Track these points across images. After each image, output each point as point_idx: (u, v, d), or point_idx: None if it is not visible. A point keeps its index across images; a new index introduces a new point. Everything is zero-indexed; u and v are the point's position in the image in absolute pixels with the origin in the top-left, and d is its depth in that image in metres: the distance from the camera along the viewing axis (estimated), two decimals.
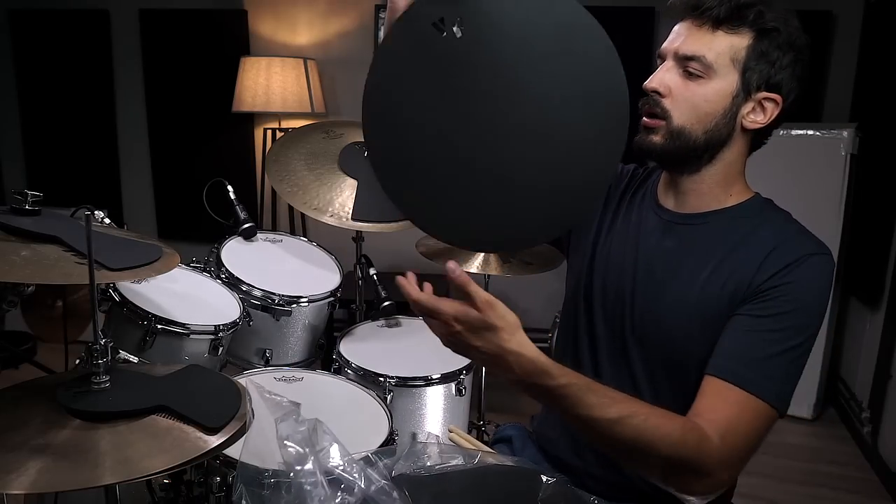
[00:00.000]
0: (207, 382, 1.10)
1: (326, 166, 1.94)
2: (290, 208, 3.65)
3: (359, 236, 2.07)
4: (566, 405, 0.89)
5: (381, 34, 3.74)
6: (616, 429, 0.88)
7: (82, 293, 2.00)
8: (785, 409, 0.95)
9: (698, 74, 0.99)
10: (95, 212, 1.48)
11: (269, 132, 3.70)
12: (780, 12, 0.99)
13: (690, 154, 1.03)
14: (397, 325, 1.98)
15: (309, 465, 0.90)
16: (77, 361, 1.49)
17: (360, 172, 1.93)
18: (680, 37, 1.01)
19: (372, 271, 2.02)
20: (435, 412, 1.69)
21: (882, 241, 2.83)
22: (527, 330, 0.91)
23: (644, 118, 1.04)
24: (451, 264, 0.86)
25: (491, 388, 2.35)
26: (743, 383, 0.93)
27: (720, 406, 0.93)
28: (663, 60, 1.04)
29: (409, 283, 0.91)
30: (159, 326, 1.47)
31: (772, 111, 1.01)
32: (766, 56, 0.98)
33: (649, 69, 1.03)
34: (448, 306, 0.88)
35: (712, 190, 1.06)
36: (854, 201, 3.01)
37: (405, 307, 2.07)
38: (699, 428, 0.91)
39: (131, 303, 1.48)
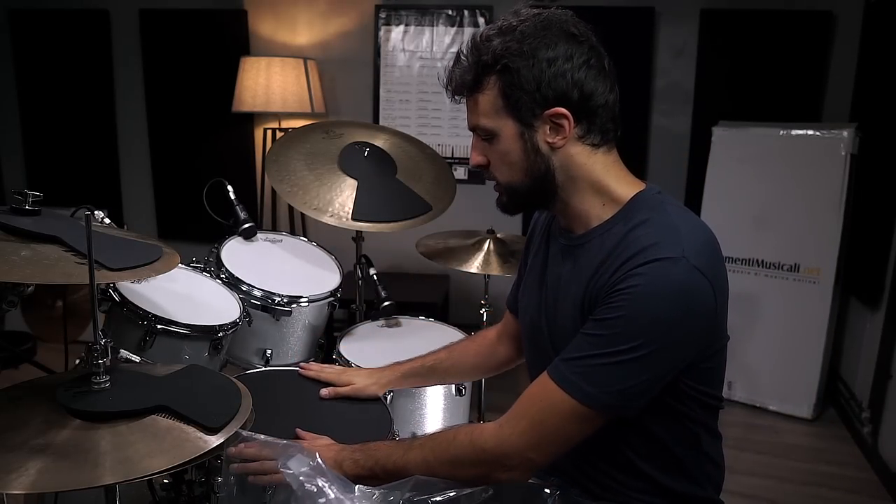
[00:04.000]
0: (207, 382, 1.10)
1: (326, 166, 1.94)
2: (290, 208, 3.65)
3: (359, 236, 2.07)
4: (370, 454, 1.08)
5: (382, 34, 3.74)
6: (410, 454, 1.05)
7: (82, 293, 2.00)
8: (602, 408, 0.97)
9: (489, 137, 1.06)
10: (95, 212, 1.48)
11: (269, 132, 3.70)
12: (508, 37, 0.99)
13: (532, 196, 1.09)
14: (397, 325, 1.98)
15: (332, 496, 0.94)
16: (77, 361, 1.49)
17: (360, 172, 1.93)
18: (467, 112, 1.09)
19: (372, 271, 2.03)
20: (435, 412, 1.69)
21: (882, 241, 2.83)
22: None
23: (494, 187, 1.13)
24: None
25: (491, 389, 2.35)
26: (557, 378, 0.98)
27: (526, 396, 1.03)
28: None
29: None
30: (159, 326, 1.47)
31: (566, 123, 1.01)
32: (517, 87, 1.00)
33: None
34: None
35: (584, 209, 1.08)
36: (854, 201, 3.01)
37: (405, 307, 2.09)
38: (473, 425, 1.06)
39: (131, 303, 1.48)
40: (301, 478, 0.93)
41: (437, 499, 0.99)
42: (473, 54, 1.03)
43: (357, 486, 0.98)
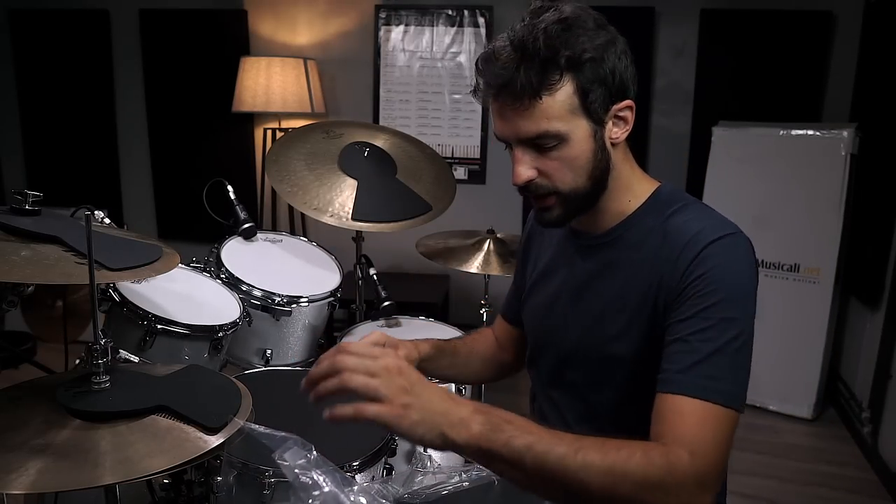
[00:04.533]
0: (207, 382, 1.10)
1: (326, 166, 1.94)
2: (290, 208, 3.65)
3: (359, 236, 2.07)
4: (520, 436, 0.80)
5: (382, 34, 3.74)
6: (582, 455, 0.80)
7: (82, 293, 2.00)
8: (740, 405, 0.90)
9: (553, 145, 0.96)
10: (95, 212, 1.48)
11: (269, 132, 3.70)
12: (578, 32, 0.92)
13: (588, 201, 1.02)
14: (397, 325, 1.98)
15: (327, 489, 0.90)
16: (77, 361, 1.49)
17: (360, 172, 1.93)
18: (509, 121, 0.96)
19: (372, 271, 2.03)
20: None
21: (882, 241, 2.83)
22: None
23: (533, 200, 1.03)
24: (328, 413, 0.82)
25: (491, 389, 2.35)
26: (692, 392, 0.88)
27: (678, 422, 0.87)
28: (505, 142, 1.01)
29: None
30: (159, 326, 1.47)
31: (629, 115, 0.99)
32: (596, 80, 0.94)
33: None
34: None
35: (612, 206, 1.05)
36: (854, 201, 3.01)
37: (405, 307, 2.08)
38: (663, 446, 0.85)
39: (131, 303, 1.48)
40: (296, 470, 0.92)
41: (431, 492, 0.96)
42: (539, 53, 0.90)
43: (357, 480, 0.95)
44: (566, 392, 1.13)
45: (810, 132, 3.03)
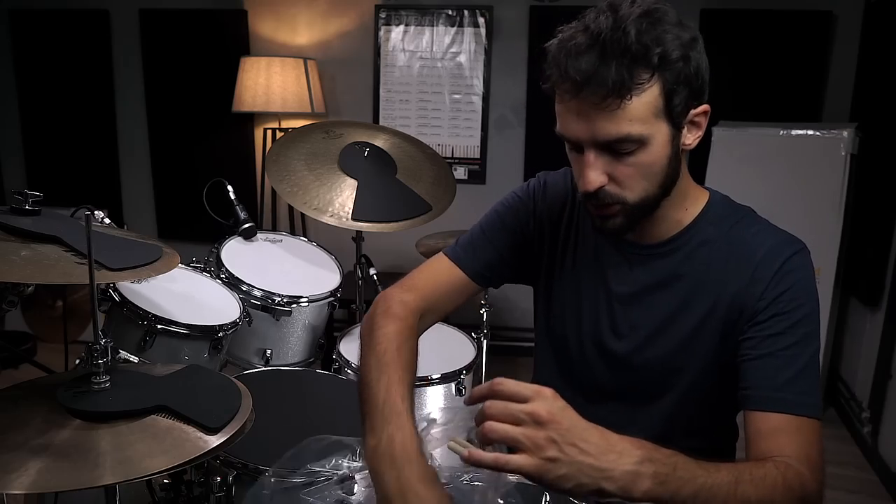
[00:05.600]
0: (207, 382, 1.10)
1: (326, 166, 1.94)
2: (290, 208, 3.65)
3: (359, 236, 2.07)
4: (688, 480, 0.74)
5: (382, 34, 3.74)
6: (741, 490, 0.77)
7: (82, 293, 2.00)
8: (821, 415, 0.92)
9: (630, 150, 0.88)
10: (95, 212, 1.48)
11: (269, 132, 3.70)
12: (665, 28, 0.85)
13: (654, 208, 0.96)
14: None
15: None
16: (77, 361, 1.49)
17: (360, 172, 1.93)
18: (586, 121, 0.87)
19: (372, 271, 2.03)
20: (435, 412, 1.69)
21: (882, 241, 2.83)
22: (526, 330, 0.90)
23: (594, 210, 0.95)
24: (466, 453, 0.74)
25: None
26: (791, 409, 0.89)
27: (786, 441, 0.87)
28: (571, 144, 0.93)
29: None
30: (159, 326, 1.47)
31: (704, 120, 0.93)
32: (682, 82, 0.87)
33: None
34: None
35: (668, 215, 1.00)
36: (854, 201, 3.01)
37: None
38: (791, 467, 0.83)
39: (131, 303, 1.48)
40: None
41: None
42: (632, 48, 0.82)
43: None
44: (608, 404, 1.08)
45: (810, 132, 3.03)
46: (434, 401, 1.69)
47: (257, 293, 1.75)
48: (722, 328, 0.97)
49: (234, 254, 1.87)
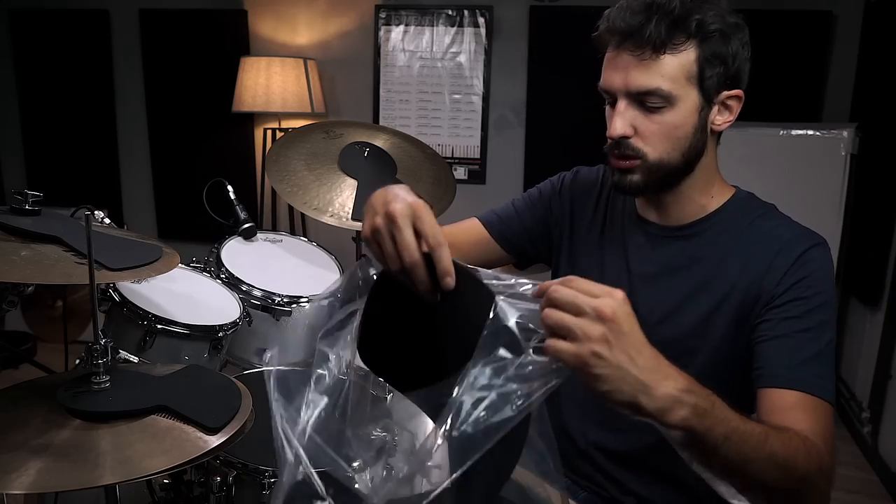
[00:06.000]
0: (207, 382, 1.10)
1: (326, 166, 1.94)
2: (290, 208, 3.65)
3: (359, 236, 2.07)
4: (723, 421, 0.74)
5: (382, 34, 3.74)
6: (771, 443, 0.77)
7: (82, 293, 2.00)
8: (833, 401, 0.92)
9: (659, 106, 0.94)
10: (95, 212, 1.48)
11: (269, 132, 3.70)
12: (712, 6, 0.94)
13: (672, 177, 1.01)
14: None
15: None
16: (77, 361, 1.49)
17: (360, 172, 1.93)
18: (622, 71, 0.94)
19: (372, 271, 2.02)
20: None
21: (882, 241, 2.83)
22: None
23: (615, 160, 1.00)
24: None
25: None
26: (807, 388, 0.90)
27: (800, 417, 0.88)
28: (610, 96, 0.99)
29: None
30: (159, 326, 1.47)
31: (737, 107, 1.00)
32: (717, 58, 0.95)
33: None
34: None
35: (693, 197, 1.04)
36: (854, 201, 3.01)
37: None
38: (809, 438, 0.84)
39: (131, 303, 1.48)
40: None
41: None
42: (673, 12, 0.91)
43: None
44: None
45: (810, 132, 3.03)
46: None
47: (257, 293, 1.75)
48: (737, 313, 0.99)
49: (234, 254, 1.87)
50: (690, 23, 0.91)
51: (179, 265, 1.42)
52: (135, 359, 1.46)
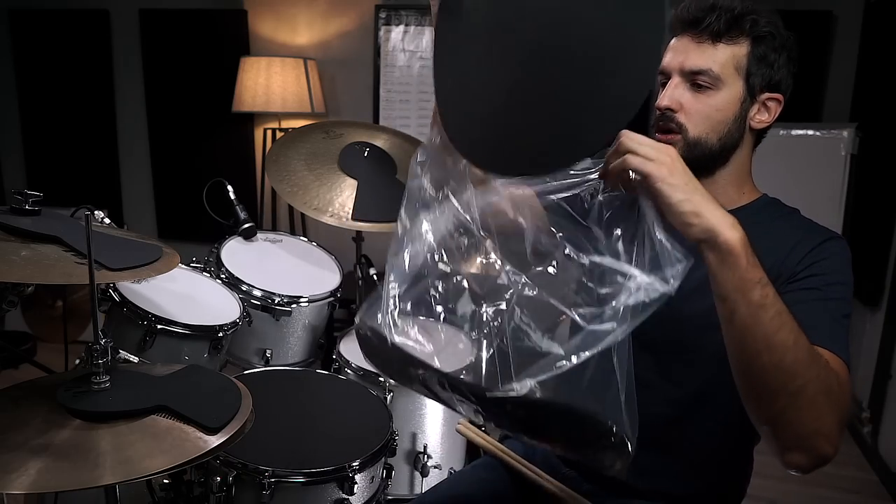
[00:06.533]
0: (207, 382, 1.10)
1: (326, 166, 1.94)
2: (290, 208, 3.65)
3: (359, 236, 2.07)
4: (758, 267, 0.84)
5: (382, 34, 3.74)
6: (794, 325, 0.84)
7: (82, 293, 2.00)
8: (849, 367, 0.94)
9: (707, 86, 1.04)
10: (95, 212, 1.48)
11: (269, 132, 3.70)
12: (769, 15, 1.06)
13: (708, 160, 1.07)
14: None
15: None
16: (77, 361, 1.49)
17: (360, 172, 1.93)
18: (682, 53, 1.05)
19: (372, 271, 2.03)
20: (435, 412, 1.69)
21: (882, 241, 2.83)
22: None
23: (658, 135, 1.07)
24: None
25: None
26: (823, 341, 0.90)
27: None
28: (666, 77, 1.07)
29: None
30: (159, 326, 1.47)
31: (775, 109, 1.08)
32: (765, 60, 1.05)
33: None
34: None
35: (726, 190, 1.10)
36: (854, 201, 3.01)
37: None
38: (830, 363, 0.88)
39: (131, 303, 1.48)
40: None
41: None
42: (736, 10, 1.03)
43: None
44: (644, 355, 1.08)
45: (810, 132, 3.03)
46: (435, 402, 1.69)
47: (257, 293, 1.75)
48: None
49: (234, 254, 1.87)
50: (746, 21, 1.03)
51: (179, 265, 1.43)
52: (135, 359, 1.46)
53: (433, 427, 1.68)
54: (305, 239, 2.11)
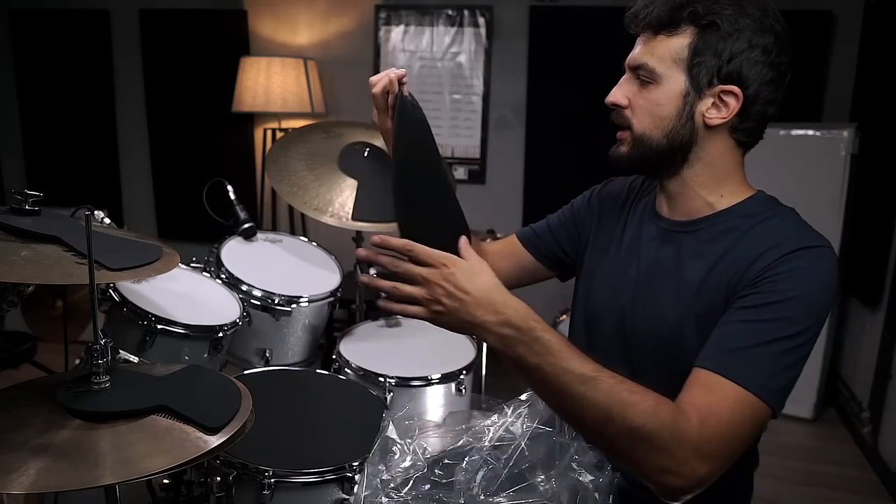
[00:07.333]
0: (207, 382, 1.10)
1: (326, 166, 1.94)
2: (290, 208, 3.65)
3: (359, 236, 2.07)
4: (539, 354, 0.89)
5: (382, 34, 3.74)
6: (589, 386, 0.86)
7: (82, 293, 2.00)
8: (775, 403, 0.90)
9: (647, 80, 1.01)
10: (95, 212, 1.48)
11: (269, 132, 3.70)
12: (722, 3, 0.97)
13: (658, 159, 1.04)
14: (397, 325, 1.98)
15: None
16: (77, 361, 1.49)
17: (360, 172, 1.93)
18: (635, 48, 1.04)
19: (372, 271, 2.02)
20: (435, 412, 1.69)
21: (882, 241, 2.83)
22: None
23: (615, 129, 1.07)
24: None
25: (491, 389, 2.35)
26: (725, 372, 0.89)
27: (702, 394, 0.89)
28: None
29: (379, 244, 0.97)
30: (159, 326, 1.47)
31: (733, 104, 0.99)
32: (711, 50, 0.97)
33: None
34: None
35: (699, 192, 1.05)
36: (854, 201, 3.01)
37: None
38: (677, 405, 0.87)
39: (131, 303, 1.48)
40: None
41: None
42: (678, 1, 0.98)
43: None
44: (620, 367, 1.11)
45: (810, 132, 3.03)
46: (434, 400, 1.69)
47: (257, 293, 1.75)
48: (722, 309, 0.98)
49: (234, 254, 1.87)
50: (684, 11, 0.97)
51: (179, 265, 1.43)
52: (135, 359, 1.46)
53: (432, 428, 1.68)
54: (305, 239, 2.11)
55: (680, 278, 1.04)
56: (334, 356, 1.75)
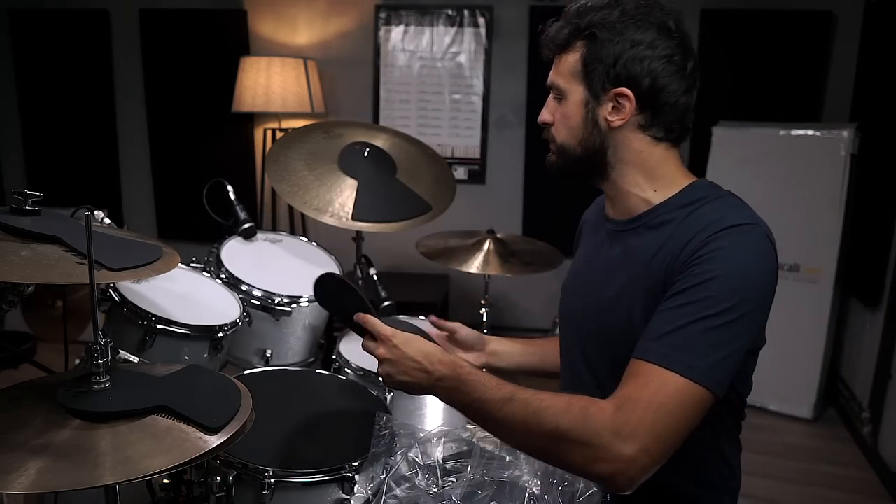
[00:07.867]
0: (207, 382, 1.10)
1: (326, 166, 1.94)
2: (290, 208, 3.65)
3: (359, 236, 2.07)
4: (467, 394, 1.01)
5: (382, 34, 3.74)
6: (508, 407, 0.96)
7: (82, 293, 2.00)
8: (708, 382, 0.90)
9: (560, 97, 1.10)
10: (95, 212, 1.48)
11: (269, 132, 3.70)
12: (601, 11, 1.03)
13: (580, 165, 1.11)
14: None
15: None
16: (77, 361, 1.49)
17: (360, 172, 1.93)
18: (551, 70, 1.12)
19: (372, 271, 2.03)
20: (434, 412, 1.69)
21: (882, 241, 2.83)
22: (527, 330, 0.91)
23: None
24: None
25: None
26: (651, 358, 0.91)
27: (629, 383, 0.92)
28: None
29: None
30: (159, 326, 1.47)
31: (628, 105, 1.04)
32: (597, 58, 1.03)
33: None
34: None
35: (632, 191, 1.09)
36: (854, 201, 3.01)
37: (405, 307, 2.09)
38: (589, 399, 0.93)
39: (131, 303, 1.48)
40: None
41: None
42: (572, 16, 1.06)
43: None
44: (582, 374, 1.17)
45: (810, 132, 3.03)
46: (434, 401, 1.69)
47: (257, 293, 1.75)
48: (659, 300, 0.99)
49: (234, 254, 1.87)
50: (571, 27, 1.06)
51: (179, 265, 1.42)
52: (135, 359, 1.46)
53: (433, 427, 1.68)
54: (305, 239, 2.11)
55: (625, 275, 1.07)
56: (334, 356, 1.75)
